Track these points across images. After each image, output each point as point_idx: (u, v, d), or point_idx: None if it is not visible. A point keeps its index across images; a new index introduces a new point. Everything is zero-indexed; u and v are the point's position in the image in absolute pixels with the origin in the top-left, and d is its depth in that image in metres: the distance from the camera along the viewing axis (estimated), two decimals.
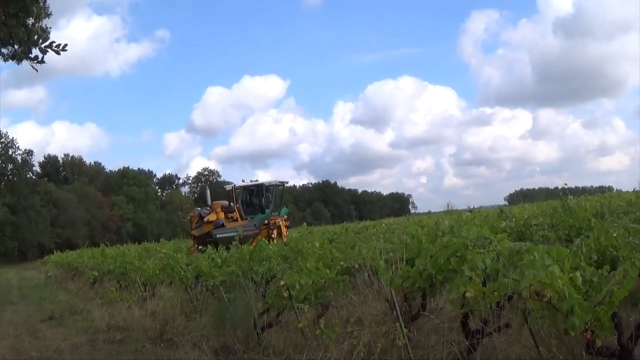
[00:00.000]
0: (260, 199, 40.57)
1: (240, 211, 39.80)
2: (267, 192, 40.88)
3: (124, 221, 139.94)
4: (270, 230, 36.83)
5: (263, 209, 39.41)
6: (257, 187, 41.12)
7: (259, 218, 38.46)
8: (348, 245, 16.24)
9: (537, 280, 6.51)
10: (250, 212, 40.09)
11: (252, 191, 41.66)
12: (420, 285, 9.45)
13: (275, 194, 40.98)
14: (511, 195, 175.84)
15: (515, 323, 8.26)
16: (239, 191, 41.42)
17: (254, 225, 37.21)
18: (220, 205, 40.30)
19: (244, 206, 40.14)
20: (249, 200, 40.90)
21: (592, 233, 10.44)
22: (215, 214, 38.85)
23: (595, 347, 6.50)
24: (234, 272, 15.22)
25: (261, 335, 12.11)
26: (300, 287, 11.26)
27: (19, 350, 15.35)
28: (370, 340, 9.46)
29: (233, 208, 39.87)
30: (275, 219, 38.27)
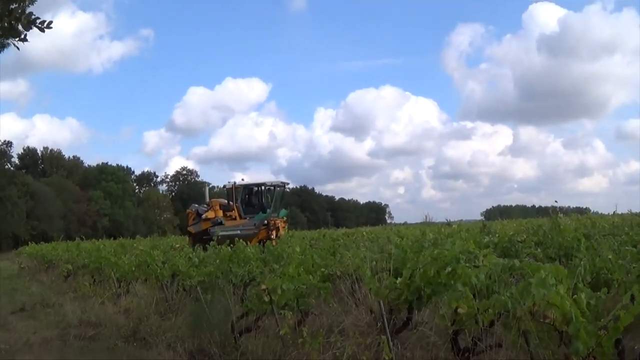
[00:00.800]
0: (260, 198, 39.94)
1: (239, 210, 38.78)
2: (268, 192, 40.10)
3: (101, 216, 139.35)
4: (270, 231, 36.29)
5: (264, 208, 38.58)
6: (258, 187, 40.48)
7: (260, 218, 37.60)
8: (329, 252, 15.83)
9: (545, 300, 6.13)
10: (249, 212, 39.00)
11: (252, 190, 40.72)
12: (407, 297, 9.12)
13: (276, 195, 39.87)
14: (488, 210, 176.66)
15: (507, 343, 7.84)
16: (239, 190, 40.30)
17: (253, 225, 36.69)
18: (219, 203, 39.33)
19: (243, 205, 39.31)
20: (248, 199, 40.13)
21: (580, 254, 10.08)
22: (214, 212, 38.07)
23: None
24: (212, 272, 14.86)
25: (239, 340, 11.68)
26: (282, 292, 10.89)
27: None
28: (355, 352, 9.04)
29: (232, 206, 38.75)
30: (275, 219, 37.58)
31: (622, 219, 28.72)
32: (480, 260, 8.93)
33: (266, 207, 38.54)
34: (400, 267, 10.77)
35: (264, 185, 39.77)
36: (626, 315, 5.90)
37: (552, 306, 6.22)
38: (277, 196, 39.51)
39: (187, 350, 12.16)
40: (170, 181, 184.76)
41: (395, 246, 13.68)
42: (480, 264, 8.69)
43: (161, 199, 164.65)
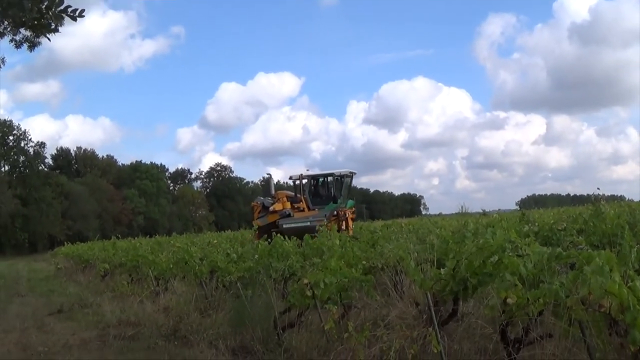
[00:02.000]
0: (329, 189, 39.00)
1: (307, 201, 37.79)
2: (336, 182, 38.67)
3: (136, 214, 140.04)
4: (340, 222, 35.39)
5: (335, 198, 37.70)
6: (325, 177, 39.66)
7: (330, 208, 36.84)
8: (368, 244, 15.69)
9: (602, 289, 5.97)
10: (317, 203, 38.01)
11: (320, 181, 39.85)
12: (452, 288, 8.93)
13: (344, 184, 38.82)
14: (523, 200, 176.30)
15: (557, 333, 7.68)
16: (307, 181, 39.45)
17: (324, 216, 35.43)
18: (286, 195, 38.10)
19: (310, 196, 38.52)
20: (315, 190, 39.41)
21: (625, 241, 9.88)
22: (282, 204, 37.07)
23: None
24: (252, 268, 14.77)
25: (282, 336, 11.59)
26: (325, 286, 10.78)
27: (25, 344, 14.82)
28: (402, 345, 8.89)
29: (299, 198, 37.66)
30: (344, 210, 36.68)
31: None
32: (524, 250, 8.80)
33: (337, 197, 37.86)
34: (443, 258, 10.67)
35: (332, 175, 38.89)
36: None
37: (607, 294, 6.06)
38: (346, 186, 38.81)
39: (229, 348, 12.09)
40: (205, 178, 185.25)
41: (436, 237, 13.55)
42: (524, 253, 8.56)
43: (196, 196, 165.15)
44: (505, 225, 15.11)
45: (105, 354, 13.14)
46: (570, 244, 12.20)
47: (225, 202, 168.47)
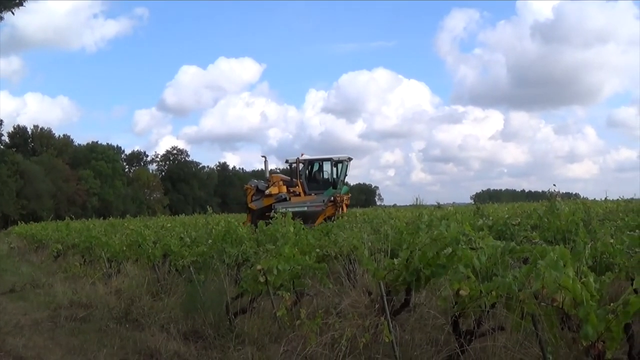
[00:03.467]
0: (325, 173, 38.81)
1: (303, 185, 37.61)
2: (334, 167, 38.50)
3: (90, 196, 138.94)
4: (337, 208, 35.43)
5: (335, 184, 37.76)
6: (324, 161, 39.44)
7: (329, 193, 36.85)
8: (323, 233, 15.67)
9: (555, 283, 5.96)
10: (313, 188, 37.80)
11: (317, 165, 39.50)
12: (405, 278, 8.93)
13: (342, 169, 38.58)
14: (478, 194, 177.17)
15: (509, 326, 7.67)
16: (304, 165, 38.88)
17: (322, 201, 36.09)
18: (281, 179, 37.95)
19: (306, 181, 38.21)
20: (312, 174, 39.14)
21: (579, 238, 9.93)
22: (278, 187, 36.83)
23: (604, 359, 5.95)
24: (205, 252, 14.66)
25: (234, 321, 11.50)
26: (278, 272, 10.76)
27: None
28: (354, 334, 8.84)
29: (295, 182, 37.55)
30: (342, 196, 36.62)
31: (617, 204, 28.80)
32: (478, 243, 8.80)
33: (336, 182, 37.59)
34: (397, 249, 10.71)
35: (330, 160, 38.53)
36: (636, 300, 5.77)
37: (560, 289, 6.09)
38: (343, 171, 38.40)
39: (181, 332, 11.94)
40: (160, 161, 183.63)
41: (390, 227, 13.54)
42: (478, 246, 8.56)
43: (151, 179, 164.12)
44: (459, 218, 15.13)
45: (57, 335, 12.98)
46: (524, 239, 12.32)
47: (180, 186, 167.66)
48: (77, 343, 12.07)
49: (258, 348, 10.37)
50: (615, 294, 8.70)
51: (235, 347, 10.49)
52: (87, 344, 11.90)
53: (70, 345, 11.99)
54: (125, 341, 11.86)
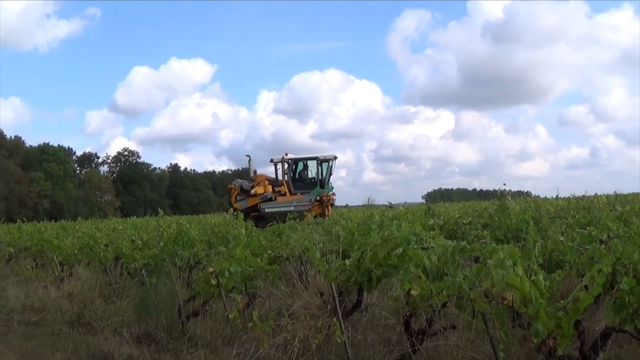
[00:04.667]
0: (310, 172, 38.56)
1: (288, 185, 37.27)
2: (320, 166, 37.97)
3: (42, 198, 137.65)
4: (324, 207, 35.15)
5: (322, 183, 37.34)
6: (309, 160, 39.09)
7: (316, 193, 36.56)
8: (274, 234, 15.63)
9: (504, 282, 5.98)
10: (299, 187, 37.50)
11: (303, 164, 39.08)
12: (357, 279, 8.96)
13: (328, 168, 38.01)
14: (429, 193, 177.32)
15: (461, 324, 7.69)
16: (290, 163, 38.34)
17: (309, 201, 35.80)
18: (266, 178, 37.63)
19: (291, 180, 37.84)
20: (298, 173, 38.70)
21: (530, 236, 9.98)
22: (263, 187, 36.60)
23: (556, 356, 6.07)
24: (157, 255, 14.54)
25: (186, 324, 11.44)
26: (230, 275, 10.68)
27: None
28: (306, 335, 8.82)
29: (281, 182, 37.28)
30: (328, 195, 36.59)
31: (568, 202, 29.02)
32: (429, 242, 8.82)
33: (323, 181, 37.17)
34: (348, 249, 10.67)
35: (316, 159, 38.08)
36: (586, 297, 5.84)
37: (510, 287, 6.12)
38: (328, 170, 37.89)
39: (134, 335, 11.81)
40: (112, 162, 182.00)
41: (342, 228, 13.54)
42: (429, 246, 8.57)
43: (102, 181, 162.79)
44: (410, 218, 15.19)
45: (10, 340, 12.83)
46: (475, 238, 12.36)
47: (132, 187, 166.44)
48: (31, 347, 11.94)
49: (211, 351, 10.30)
50: (566, 291, 8.77)
51: (188, 350, 10.45)
52: (41, 348, 11.78)
53: (23, 350, 11.85)
54: (78, 345, 11.76)
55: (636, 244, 6.80)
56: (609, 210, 18.16)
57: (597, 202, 26.90)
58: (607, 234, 10.46)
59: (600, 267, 6.01)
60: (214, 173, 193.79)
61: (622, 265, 6.61)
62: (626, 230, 10.10)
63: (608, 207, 22.67)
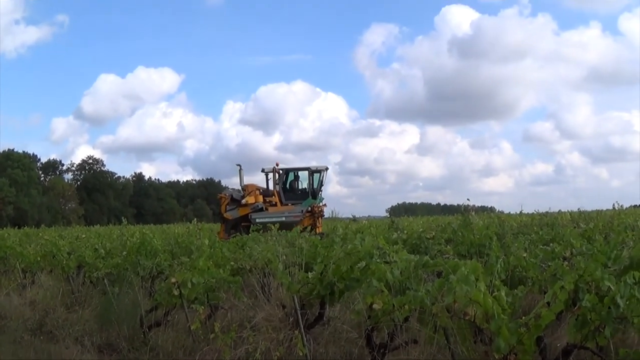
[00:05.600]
0: (301, 183, 37.99)
1: (279, 195, 36.56)
2: (312, 176, 37.38)
3: (5, 204, 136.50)
4: (316, 218, 34.87)
5: (315, 194, 36.73)
6: (301, 171, 38.59)
7: (308, 203, 36.02)
8: (237, 245, 15.53)
9: (467, 297, 5.95)
10: (290, 198, 36.80)
11: (295, 175, 38.39)
12: (319, 292, 8.90)
13: (320, 179, 37.40)
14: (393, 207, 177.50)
15: (423, 339, 7.66)
16: (281, 174, 37.60)
17: (300, 212, 35.31)
18: (256, 188, 36.61)
19: (282, 191, 37.15)
20: (289, 184, 38.12)
21: (493, 252, 9.98)
22: (254, 197, 35.73)
23: None
24: (119, 264, 14.39)
25: (148, 334, 11.28)
26: (192, 285, 10.56)
27: None
28: (268, 348, 8.76)
29: (272, 192, 36.56)
30: (320, 206, 36.11)
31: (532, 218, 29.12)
32: (392, 256, 8.79)
33: (315, 192, 36.75)
34: (311, 262, 10.63)
35: (308, 170, 37.69)
36: (548, 313, 5.84)
37: (472, 303, 6.10)
38: (320, 181, 37.44)
39: (95, 345, 11.71)
40: (76, 170, 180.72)
41: (305, 240, 13.47)
42: (392, 260, 8.55)
43: (66, 188, 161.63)
44: (374, 232, 15.18)
45: None
46: (438, 253, 12.34)
47: (96, 196, 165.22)
48: None
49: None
50: (529, 307, 8.75)
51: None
52: (2, 356, 11.66)
53: None
54: (40, 353, 11.63)
55: (599, 262, 6.83)
56: (572, 227, 18.24)
57: (561, 219, 27.13)
58: (570, 251, 10.51)
59: (562, 284, 6.01)
60: (178, 183, 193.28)
61: (584, 282, 6.61)
62: (589, 247, 10.13)
63: (572, 223, 22.87)
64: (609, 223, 20.14)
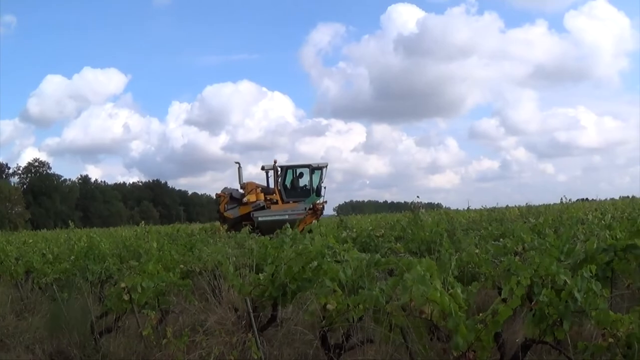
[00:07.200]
0: (302, 180, 37.42)
1: (281, 193, 36.25)
2: (313, 173, 36.93)
3: None
4: (318, 216, 34.55)
5: (319, 191, 36.45)
6: (302, 168, 37.92)
7: (312, 201, 35.73)
8: (186, 248, 15.29)
9: (424, 297, 5.84)
10: (291, 195, 36.41)
11: (294, 172, 37.79)
12: (271, 293, 8.74)
13: (321, 177, 36.97)
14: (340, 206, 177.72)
15: (378, 338, 7.52)
16: (281, 171, 37.20)
17: (303, 209, 34.91)
18: (256, 186, 36.35)
19: (283, 188, 36.74)
20: (290, 182, 37.58)
21: (444, 248, 9.88)
22: (255, 195, 35.44)
23: None
24: (68, 269, 14.10)
25: (99, 341, 10.99)
26: (142, 290, 10.29)
27: None
28: (222, 352, 8.56)
29: (273, 190, 36.30)
30: (321, 203, 36.01)
31: (480, 214, 29.26)
32: (343, 256, 8.67)
33: (316, 190, 36.35)
34: (262, 263, 10.49)
35: (309, 167, 37.15)
36: (505, 309, 5.77)
37: (429, 301, 5.99)
38: (321, 178, 36.98)
39: (46, 352, 11.38)
40: (22, 173, 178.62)
41: (255, 241, 13.30)
42: (343, 259, 8.42)
43: (13, 192, 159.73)
44: (323, 231, 15.04)
45: None
46: (388, 251, 12.23)
47: (42, 199, 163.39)
48: None
49: None
50: (482, 302, 8.71)
51: None
52: None
53: None
54: None
55: (553, 256, 6.76)
56: (522, 222, 18.25)
57: (509, 214, 27.36)
58: (522, 245, 10.45)
59: (518, 280, 5.91)
60: (124, 185, 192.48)
61: (538, 277, 6.52)
62: (541, 242, 10.08)
63: (521, 218, 22.98)
64: (558, 217, 20.27)
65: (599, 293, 6.07)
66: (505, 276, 7.65)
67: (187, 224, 70.26)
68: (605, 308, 5.85)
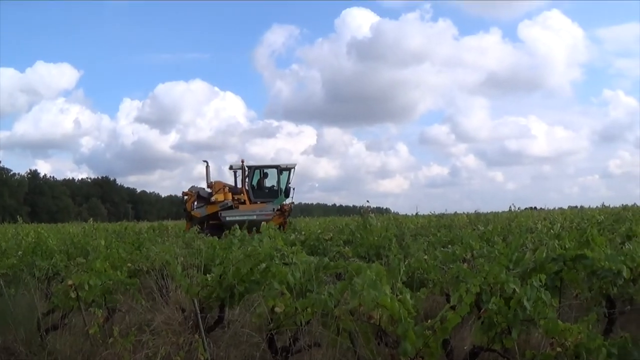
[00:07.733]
0: (269, 181, 36.97)
1: (248, 193, 35.59)
2: (281, 174, 36.42)
3: None
4: (285, 217, 34.12)
5: (287, 191, 36.03)
6: (269, 168, 37.47)
7: (280, 201, 35.29)
8: (134, 246, 15.16)
9: (374, 302, 5.83)
10: (258, 195, 35.90)
11: (262, 173, 37.22)
12: (219, 294, 8.67)
13: (289, 177, 36.57)
14: None
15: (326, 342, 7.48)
16: (249, 171, 36.49)
17: (272, 210, 34.22)
18: (224, 185, 35.64)
19: (251, 188, 36.17)
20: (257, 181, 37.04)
21: (392, 253, 9.90)
22: (223, 195, 34.76)
23: None
24: (15, 265, 13.85)
25: (45, 338, 10.79)
26: (89, 288, 10.14)
27: None
28: (168, 352, 8.48)
29: (240, 189, 35.59)
30: (289, 204, 35.30)
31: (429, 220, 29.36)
32: (291, 258, 8.65)
33: (285, 190, 36.01)
34: (210, 264, 10.44)
35: (277, 168, 36.68)
36: (454, 316, 5.78)
37: (378, 306, 5.95)
38: (289, 179, 36.64)
39: None
40: None
41: (203, 242, 13.23)
42: (292, 262, 8.40)
43: None
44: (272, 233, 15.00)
45: None
46: (337, 254, 12.23)
47: None
48: None
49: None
50: (430, 309, 8.72)
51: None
52: None
53: None
54: None
55: (502, 264, 6.76)
56: (470, 229, 18.33)
57: (458, 221, 27.43)
58: (470, 253, 10.50)
59: (468, 287, 5.91)
60: (73, 181, 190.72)
61: (487, 285, 6.54)
62: (490, 250, 10.13)
63: (469, 225, 23.07)
64: (507, 225, 20.41)
65: (548, 302, 6.09)
66: (454, 283, 7.69)
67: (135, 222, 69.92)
68: (554, 317, 5.88)
